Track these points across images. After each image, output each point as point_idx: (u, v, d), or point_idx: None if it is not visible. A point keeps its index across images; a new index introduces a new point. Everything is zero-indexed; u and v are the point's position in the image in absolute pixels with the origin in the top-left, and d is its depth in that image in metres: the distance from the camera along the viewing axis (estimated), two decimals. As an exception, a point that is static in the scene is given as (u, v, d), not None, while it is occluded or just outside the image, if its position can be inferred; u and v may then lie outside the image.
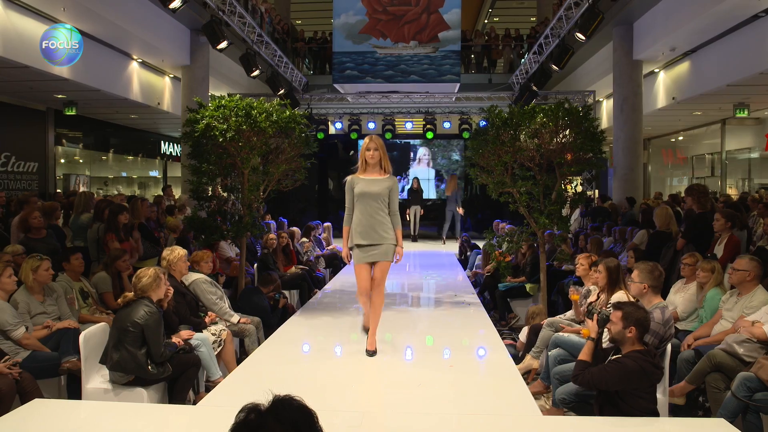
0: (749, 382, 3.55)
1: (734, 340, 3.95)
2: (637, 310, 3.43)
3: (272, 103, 6.80)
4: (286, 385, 2.98)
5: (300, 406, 1.41)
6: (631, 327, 3.35)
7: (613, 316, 3.42)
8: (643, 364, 3.28)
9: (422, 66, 14.68)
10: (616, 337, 3.42)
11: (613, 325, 3.41)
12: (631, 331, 3.35)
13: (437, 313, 7.09)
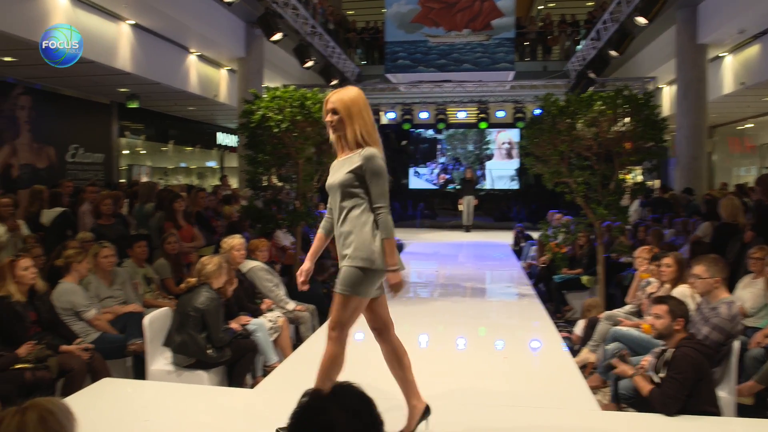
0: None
1: (808, 338, 3.75)
2: (679, 303, 3.43)
3: (326, 94, 6.84)
4: (341, 373, 3.02)
5: (360, 393, 1.42)
6: (678, 319, 3.33)
7: (658, 310, 3.38)
8: (695, 347, 3.26)
9: (475, 54, 14.48)
10: (664, 332, 3.38)
11: (659, 320, 3.37)
12: (678, 323, 3.33)
13: (490, 304, 7.04)
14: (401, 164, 18.39)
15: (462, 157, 18.04)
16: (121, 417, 3.18)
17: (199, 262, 4.25)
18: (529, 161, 6.61)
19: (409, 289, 7.85)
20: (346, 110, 2.88)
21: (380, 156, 2.87)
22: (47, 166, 11.19)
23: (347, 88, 2.99)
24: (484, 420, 3.23)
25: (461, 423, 3.20)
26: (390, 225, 2.89)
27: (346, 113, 2.88)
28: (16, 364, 3.50)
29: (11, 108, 10.40)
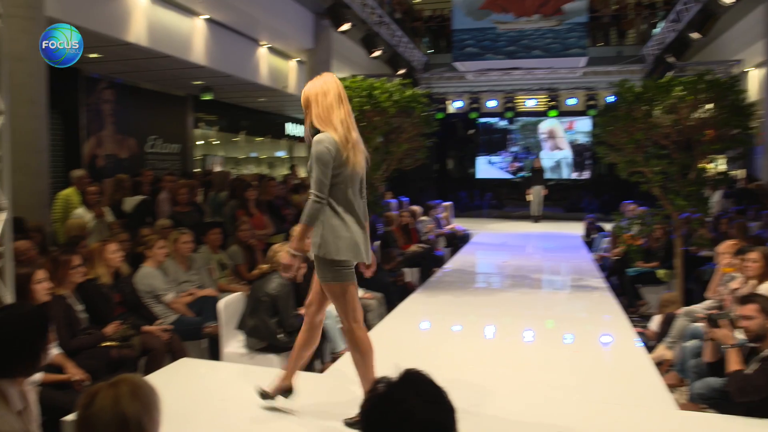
0: None
1: None
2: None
3: (394, 83, 6.86)
4: (408, 361, 3.03)
5: (433, 381, 1.42)
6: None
7: (748, 311, 3.17)
8: None
9: (546, 40, 14.07)
10: (758, 332, 3.17)
11: (749, 320, 3.16)
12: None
13: (559, 296, 6.88)
14: (468, 154, 18.20)
15: (533, 146, 17.63)
16: (198, 395, 3.33)
17: (271, 249, 4.37)
18: (602, 150, 6.38)
19: (476, 279, 7.79)
20: (305, 101, 2.86)
21: (327, 141, 2.72)
22: (129, 156, 11.78)
23: (316, 78, 2.92)
24: (554, 414, 3.17)
25: (530, 415, 3.15)
26: (311, 212, 2.74)
27: (305, 104, 2.86)
28: (103, 342, 3.72)
29: (96, 102, 10.99)
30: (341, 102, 2.81)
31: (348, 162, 2.74)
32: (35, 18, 6.00)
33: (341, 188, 2.76)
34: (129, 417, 1.53)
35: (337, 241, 2.76)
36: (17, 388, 2.09)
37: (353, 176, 2.80)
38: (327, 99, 2.79)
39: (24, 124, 5.84)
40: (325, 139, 2.72)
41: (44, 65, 6.02)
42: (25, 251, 4.12)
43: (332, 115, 2.77)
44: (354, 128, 2.82)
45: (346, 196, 2.78)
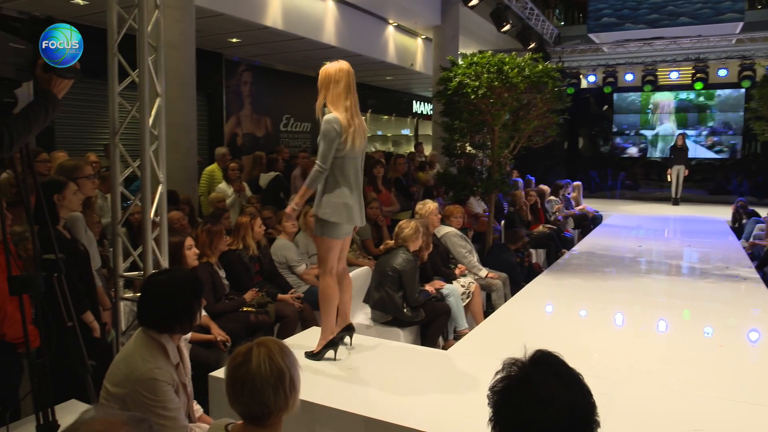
0: None
1: None
2: None
3: (524, 58, 6.64)
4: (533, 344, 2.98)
5: (563, 362, 1.38)
6: None
7: None
8: None
9: (695, 5, 12.83)
10: None
11: None
12: None
13: (699, 285, 6.37)
14: (602, 131, 17.21)
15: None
16: (326, 362, 3.50)
17: (398, 226, 4.46)
18: (759, 126, 5.77)
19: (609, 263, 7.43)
20: (322, 81, 3.31)
21: (334, 122, 3.20)
22: (265, 134, 12.50)
23: (334, 62, 3.33)
24: (693, 411, 2.96)
25: (664, 410, 2.97)
26: (312, 177, 3.25)
27: (322, 83, 3.31)
28: (243, 307, 4.03)
29: (237, 83, 11.75)
30: (350, 91, 3.30)
31: (347, 142, 3.24)
32: (186, 8, 6.51)
33: (342, 162, 3.28)
34: (284, 371, 1.68)
35: (331, 204, 3.26)
36: (174, 343, 2.33)
37: (353, 154, 3.32)
38: (338, 87, 3.27)
39: (176, 105, 6.39)
40: (333, 120, 3.22)
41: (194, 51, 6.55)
42: (178, 221, 4.55)
43: (341, 102, 3.26)
44: (357, 115, 3.32)
45: (345, 170, 3.29)
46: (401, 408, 2.93)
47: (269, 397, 1.64)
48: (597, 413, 1.29)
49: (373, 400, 3.02)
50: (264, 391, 1.64)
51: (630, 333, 4.78)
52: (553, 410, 1.25)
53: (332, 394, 3.06)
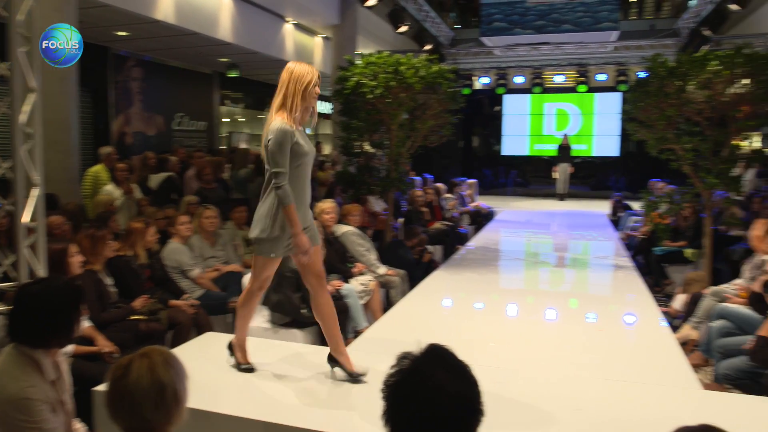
0: None
1: None
2: None
3: (420, 59, 6.80)
4: (430, 338, 3.05)
5: (453, 354, 1.42)
6: None
7: None
8: None
9: (577, 14, 13.73)
10: None
11: None
12: None
13: (584, 275, 6.82)
14: (494, 131, 17.97)
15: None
16: (223, 368, 3.40)
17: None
18: (632, 127, 6.26)
19: (499, 257, 7.76)
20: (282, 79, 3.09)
21: None
22: (156, 133, 11.93)
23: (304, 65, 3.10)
24: (574, 392, 3.16)
25: (550, 393, 3.15)
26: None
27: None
28: (132, 316, 3.82)
29: (125, 79, 11.13)
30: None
31: None
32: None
33: None
34: (166, 384, 1.59)
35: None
36: (51, 358, 2.16)
37: None
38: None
39: (55, 101, 5.95)
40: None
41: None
42: (58, 226, 4.24)
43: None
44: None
45: None
46: (300, 410, 2.90)
47: (149, 411, 1.56)
48: (482, 402, 1.34)
49: (271, 404, 2.97)
50: (144, 405, 1.56)
51: (523, 322, 5.03)
52: (441, 400, 1.28)
53: (229, 400, 2.98)
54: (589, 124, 17.13)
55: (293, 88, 3.01)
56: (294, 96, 3.01)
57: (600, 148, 17.06)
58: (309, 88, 3.02)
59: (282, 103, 3.03)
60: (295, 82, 3.01)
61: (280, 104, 3.04)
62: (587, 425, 2.78)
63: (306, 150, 3.06)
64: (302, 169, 3.09)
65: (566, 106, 17.23)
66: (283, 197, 2.99)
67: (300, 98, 3.01)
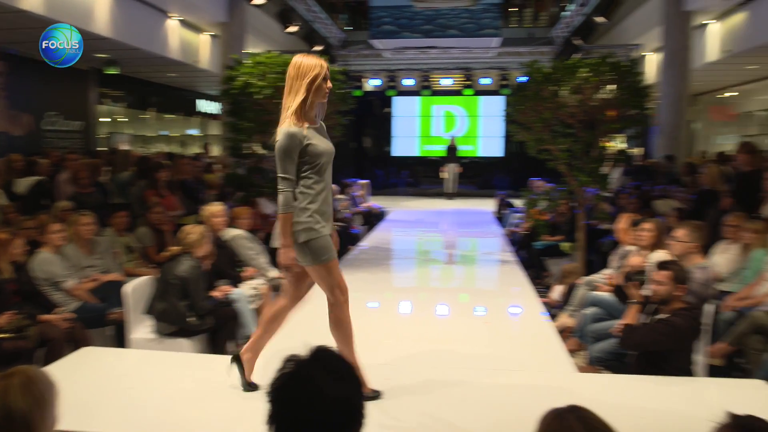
0: (792, 345, 3.48)
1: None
2: (682, 270, 3.46)
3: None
4: (322, 339, 3.04)
5: (339, 356, 1.43)
6: (679, 286, 3.37)
7: (661, 276, 3.39)
8: (691, 322, 3.32)
9: (461, 20, 14.30)
10: (665, 297, 3.40)
11: (661, 285, 3.39)
12: (680, 289, 3.37)
13: (472, 271, 7.11)
14: (384, 132, 18.27)
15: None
16: (102, 385, 3.19)
17: (182, 231, 4.23)
18: (513, 128, 6.60)
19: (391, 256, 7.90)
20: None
21: None
22: (25, 133, 10.96)
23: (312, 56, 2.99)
24: (465, 383, 3.29)
25: (443, 386, 3.25)
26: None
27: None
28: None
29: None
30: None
31: None
32: None
33: None
34: (14, 411, 1.46)
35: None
36: None
37: None
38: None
39: None
40: None
41: None
42: None
43: None
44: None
45: None
46: (188, 421, 2.79)
47: None
48: (363, 405, 1.36)
49: (156, 419, 2.83)
50: None
51: (415, 319, 5.15)
52: (320, 405, 1.29)
53: (108, 420, 2.80)
54: (475, 126, 17.89)
55: (301, 84, 2.86)
56: (303, 93, 2.85)
57: (486, 148, 17.88)
58: (317, 82, 2.86)
59: (292, 102, 2.87)
60: (303, 77, 2.85)
61: (288, 105, 2.89)
62: (471, 414, 2.90)
63: (322, 149, 2.90)
64: (323, 169, 2.93)
65: (453, 109, 17.88)
66: (282, 203, 2.87)
67: (312, 95, 2.86)
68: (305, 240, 2.88)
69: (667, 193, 7.67)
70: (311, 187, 2.90)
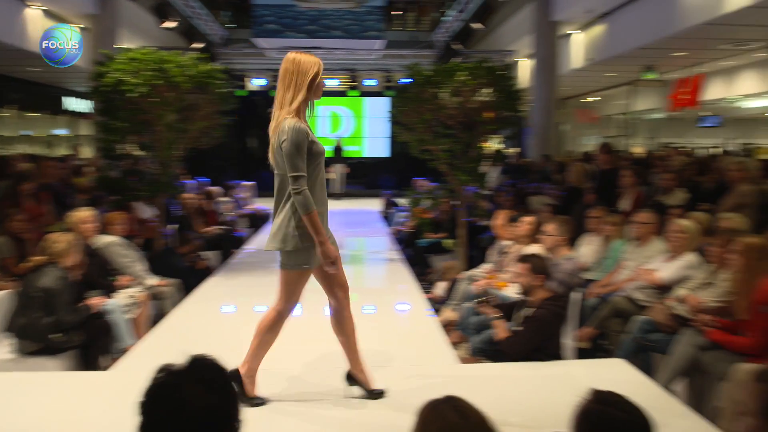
0: (645, 325, 3.85)
1: (633, 287, 4.24)
2: (540, 260, 3.71)
3: (188, 57, 6.50)
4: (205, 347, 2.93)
5: (214, 365, 1.40)
6: (538, 276, 3.60)
7: (520, 269, 3.64)
8: (556, 310, 3.56)
9: (345, 21, 14.40)
10: (526, 288, 3.64)
11: (521, 277, 3.64)
12: (538, 279, 3.61)
13: (360, 270, 7.19)
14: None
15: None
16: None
17: (47, 239, 3.91)
18: (397, 129, 6.75)
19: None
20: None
21: None
22: None
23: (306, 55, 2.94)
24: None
25: (331, 386, 3.26)
26: None
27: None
28: None
29: None
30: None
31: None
32: None
33: None
34: None
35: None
36: None
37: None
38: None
39: None
40: None
41: None
42: None
43: None
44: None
45: None
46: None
47: None
48: (236, 415, 1.34)
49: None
50: None
51: (305, 320, 5.10)
52: (189, 413, 1.26)
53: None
54: (360, 126, 18.07)
55: (304, 81, 2.79)
56: (303, 90, 2.79)
57: (372, 149, 18.13)
58: (317, 80, 2.82)
59: (291, 99, 2.79)
60: (304, 74, 2.78)
61: (289, 100, 2.80)
62: (356, 411, 2.94)
63: (322, 148, 2.86)
64: (320, 169, 2.88)
65: (339, 109, 17.95)
66: (305, 204, 2.74)
67: (312, 93, 2.82)
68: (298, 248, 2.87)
69: (540, 190, 8.20)
70: (311, 189, 2.83)
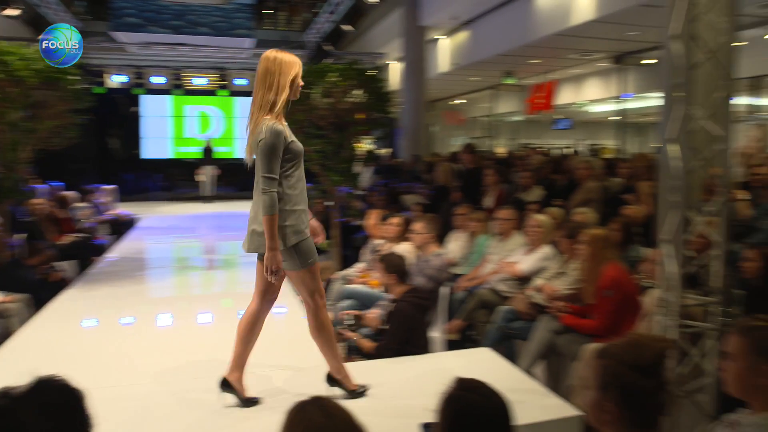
0: (508, 314, 4.12)
1: (497, 280, 4.52)
2: (394, 258, 3.89)
3: (34, 49, 5.94)
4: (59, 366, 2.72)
5: (62, 387, 1.30)
6: (390, 274, 3.80)
7: (378, 268, 3.84)
8: (414, 301, 3.73)
9: (213, 18, 13.93)
10: (385, 285, 3.84)
11: (380, 277, 3.82)
12: (392, 277, 3.80)
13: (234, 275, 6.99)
14: (132, 133, 16.86)
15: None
16: None
17: None
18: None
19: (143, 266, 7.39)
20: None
21: None
22: None
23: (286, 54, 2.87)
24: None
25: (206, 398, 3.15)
26: None
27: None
28: None
29: None
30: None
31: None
32: None
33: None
34: None
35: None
36: None
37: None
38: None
39: None
40: None
41: None
42: None
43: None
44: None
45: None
46: None
47: None
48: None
49: None
50: None
51: (176, 330, 4.88)
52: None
53: None
54: (231, 127, 17.54)
55: (285, 81, 2.74)
56: (287, 90, 2.75)
57: (243, 150, 17.60)
58: (297, 80, 2.80)
59: (274, 100, 2.74)
60: (286, 74, 2.74)
61: (271, 101, 2.74)
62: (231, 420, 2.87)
63: (301, 147, 2.86)
64: (301, 168, 2.86)
65: (208, 109, 17.29)
66: (271, 205, 2.70)
67: (292, 93, 2.79)
68: (295, 242, 2.79)
69: (411, 190, 8.47)
70: (294, 187, 2.82)
